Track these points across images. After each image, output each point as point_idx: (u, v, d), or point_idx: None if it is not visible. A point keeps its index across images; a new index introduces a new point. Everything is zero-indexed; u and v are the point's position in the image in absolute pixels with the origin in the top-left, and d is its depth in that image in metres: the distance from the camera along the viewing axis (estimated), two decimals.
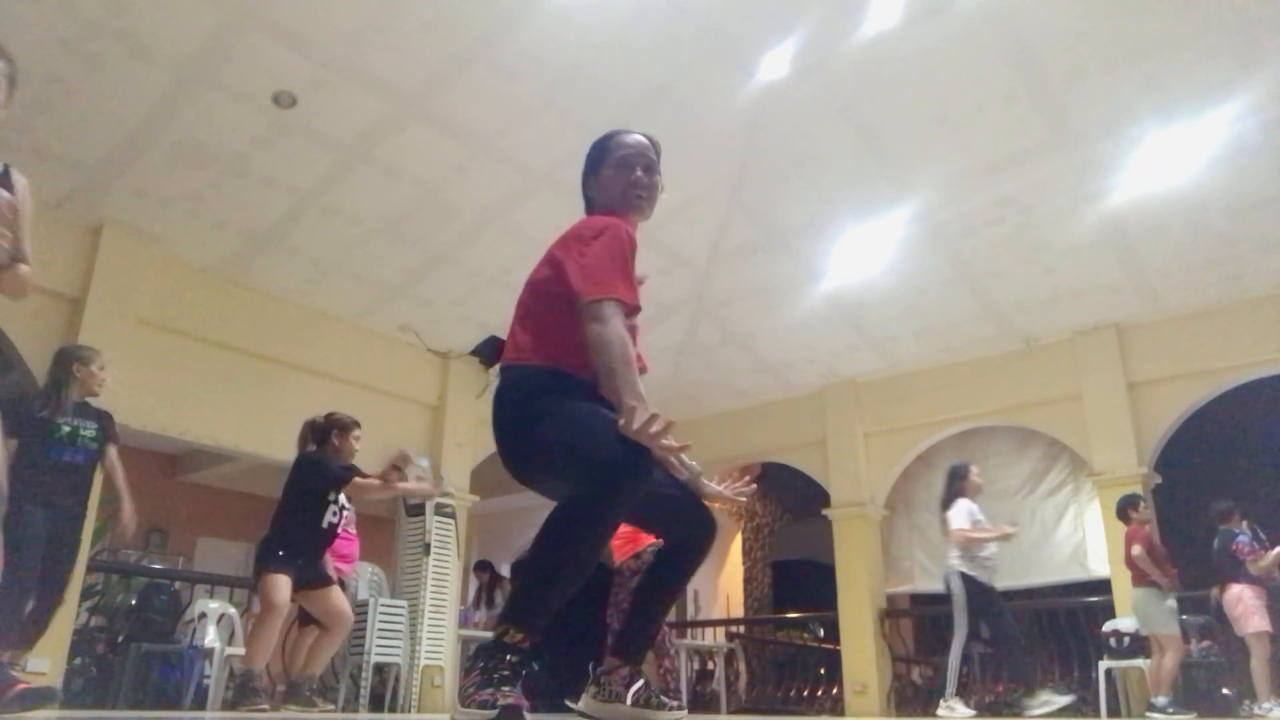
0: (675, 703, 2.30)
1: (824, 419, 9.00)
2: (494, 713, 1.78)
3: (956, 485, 6.14)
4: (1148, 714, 5.89)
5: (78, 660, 5.94)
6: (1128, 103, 5.46)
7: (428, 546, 7.43)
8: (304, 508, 4.62)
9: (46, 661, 5.09)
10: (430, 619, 7.31)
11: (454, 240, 6.73)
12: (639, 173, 2.38)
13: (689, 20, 5.05)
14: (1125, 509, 6.30)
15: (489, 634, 7.23)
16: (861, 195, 6.48)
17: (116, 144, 5.46)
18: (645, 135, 2.46)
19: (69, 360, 4.37)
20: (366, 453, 7.40)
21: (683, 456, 2.03)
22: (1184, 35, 5.00)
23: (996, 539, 6.00)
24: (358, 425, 4.96)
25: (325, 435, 4.86)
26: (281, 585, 4.40)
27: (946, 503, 6.13)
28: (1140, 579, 6.06)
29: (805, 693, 9.33)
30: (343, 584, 5.84)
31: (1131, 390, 7.54)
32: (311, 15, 4.85)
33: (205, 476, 9.47)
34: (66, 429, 4.21)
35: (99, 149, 5.51)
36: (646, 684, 2.25)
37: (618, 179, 2.42)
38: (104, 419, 4.42)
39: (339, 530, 4.81)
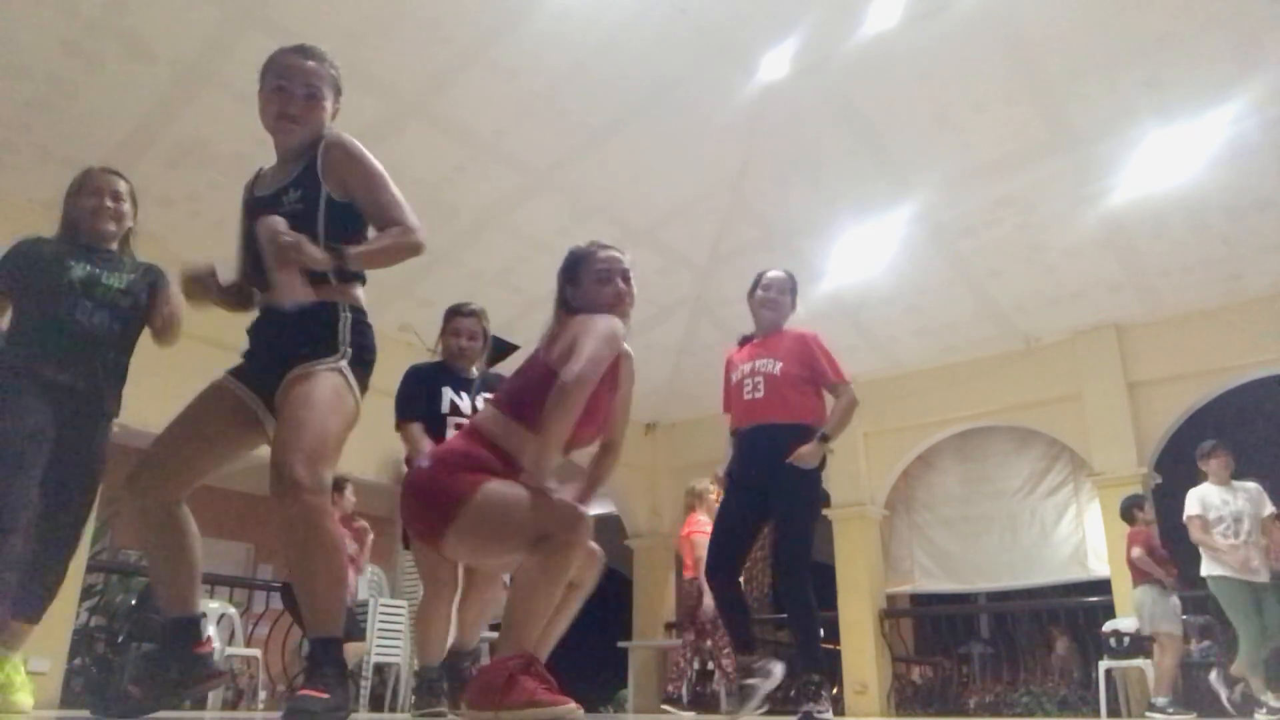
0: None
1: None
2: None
3: None
4: (1148, 714, 5.89)
5: (78, 660, 5.94)
6: (1128, 103, 5.46)
7: None
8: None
9: (47, 661, 5.09)
10: None
11: (454, 240, 6.72)
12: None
13: (689, 20, 5.04)
14: (1130, 509, 6.28)
15: (490, 634, 7.06)
16: (861, 195, 6.48)
17: (116, 144, 5.45)
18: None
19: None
20: (369, 455, 7.42)
21: None
22: (1184, 35, 5.00)
23: None
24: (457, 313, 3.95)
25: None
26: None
27: None
28: (1142, 578, 6.06)
29: None
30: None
31: (1131, 390, 7.54)
32: (311, 15, 4.85)
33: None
34: (80, 273, 2.89)
35: (99, 149, 5.50)
36: None
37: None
38: (150, 273, 3.12)
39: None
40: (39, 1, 4.57)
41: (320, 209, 2.16)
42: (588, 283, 2.45)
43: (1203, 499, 5.63)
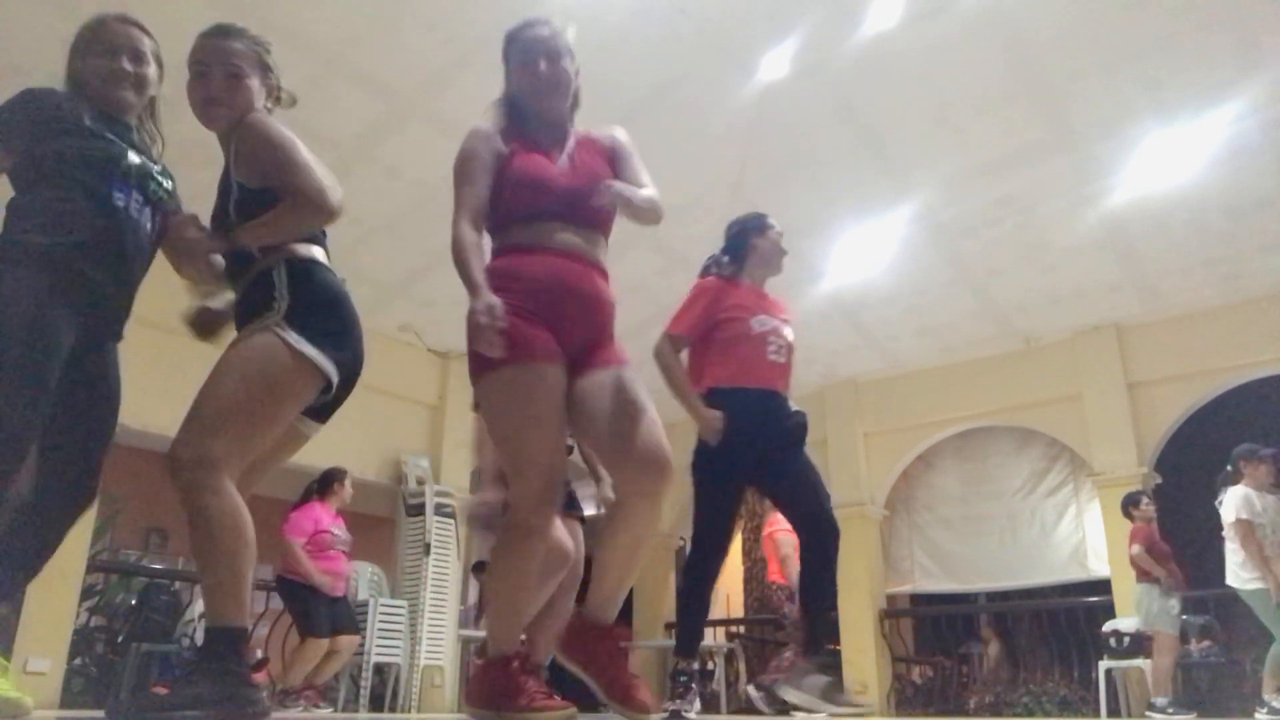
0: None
1: (824, 419, 8.99)
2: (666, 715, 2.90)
3: None
4: (1148, 714, 5.89)
5: (78, 660, 5.94)
6: (1128, 103, 5.45)
7: (428, 547, 7.43)
8: None
9: (47, 661, 5.09)
10: (430, 619, 7.31)
11: None
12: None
13: (689, 20, 5.04)
14: (1126, 507, 6.31)
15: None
16: (861, 195, 6.47)
17: None
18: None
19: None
20: (366, 453, 7.42)
21: None
22: (1184, 35, 5.00)
23: None
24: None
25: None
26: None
27: None
28: (1143, 575, 6.06)
29: None
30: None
31: (1131, 390, 7.55)
32: (311, 15, 4.84)
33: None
34: (135, 160, 2.31)
35: None
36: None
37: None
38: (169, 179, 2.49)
39: None
40: (39, 1, 4.57)
41: (231, 206, 2.12)
42: (513, 64, 2.30)
43: (1250, 503, 5.19)
